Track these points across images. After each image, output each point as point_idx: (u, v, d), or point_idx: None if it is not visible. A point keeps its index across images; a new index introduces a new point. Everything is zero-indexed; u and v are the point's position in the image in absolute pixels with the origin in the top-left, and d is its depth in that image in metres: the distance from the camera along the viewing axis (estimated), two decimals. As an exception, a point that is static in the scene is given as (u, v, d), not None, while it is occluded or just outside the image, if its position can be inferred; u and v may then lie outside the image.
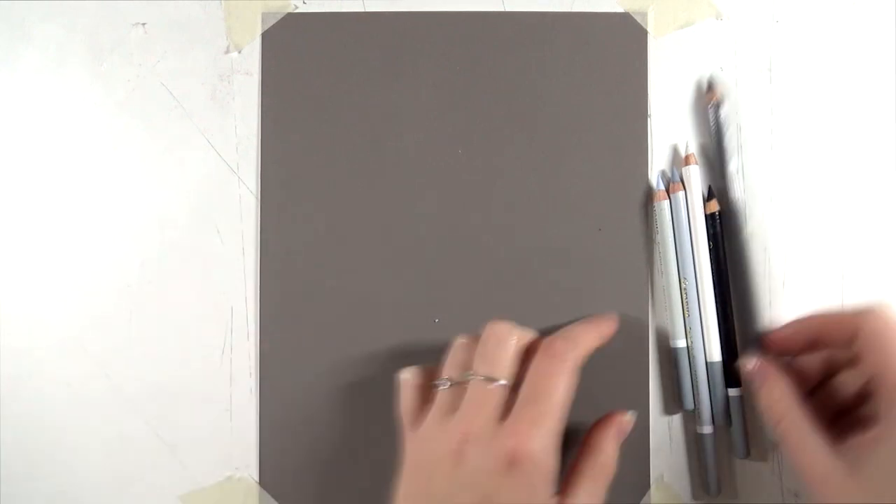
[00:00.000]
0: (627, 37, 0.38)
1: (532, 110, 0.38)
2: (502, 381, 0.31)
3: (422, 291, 0.38)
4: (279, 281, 0.38)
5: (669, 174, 0.38)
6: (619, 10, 0.39)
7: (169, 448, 0.38)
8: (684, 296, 0.37)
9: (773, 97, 0.38)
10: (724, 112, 0.37)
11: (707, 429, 0.37)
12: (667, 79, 0.38)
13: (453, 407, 0.31)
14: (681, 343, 0.37)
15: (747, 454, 0.37)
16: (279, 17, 0.39)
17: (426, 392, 0.33)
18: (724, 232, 0.37)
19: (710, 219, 0.37)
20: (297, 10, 0.39)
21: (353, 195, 0.38)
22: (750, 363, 0.34)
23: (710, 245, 0.37)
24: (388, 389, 0.37)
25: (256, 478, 0.38)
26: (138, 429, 0.38)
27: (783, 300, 0.38)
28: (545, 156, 0.38)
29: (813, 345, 0.33)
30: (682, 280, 0.37)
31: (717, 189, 0.37)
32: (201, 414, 0.38)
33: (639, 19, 0.38)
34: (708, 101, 0.37)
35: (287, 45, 0.39)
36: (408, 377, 0.34)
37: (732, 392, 0.37)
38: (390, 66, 0.38)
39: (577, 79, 0.38)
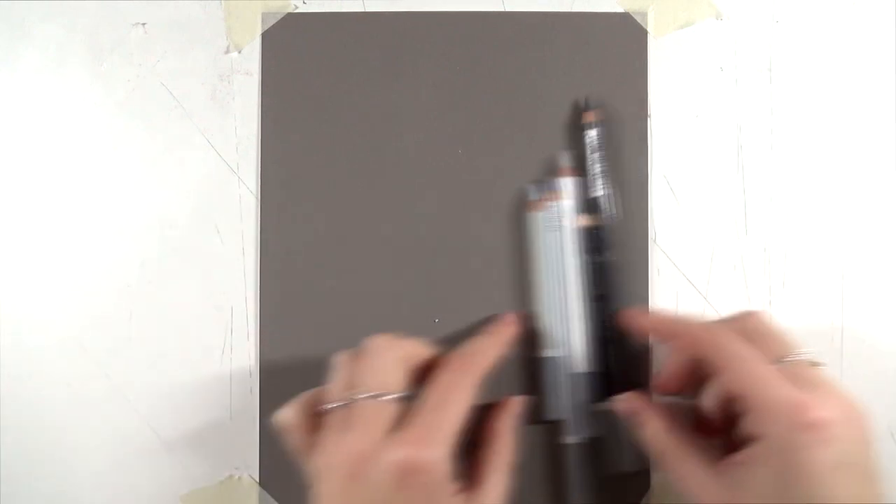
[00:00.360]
0: (627, 37, 0.38)
1: (532, 110, 0.38)
2: (392, 395, 0.30)
3: (422, 291, 0.38)
4: (279, 281, 0.38)
5: (544, 185, 0.37)
6: (619, 10, 0.39)
7: (169, 448, 0.38)
8: (555, 306, 0.37)
9: (773, 97, 0.38)
10: (598, 134, 0.37)
11: (572, 439, 0.36)
12: (667, 79, 0.38)
13: (345, 427, 0.30)
14: (550, 353, 0.37)
15: (623, 467, 0.37)
16: (279, 17, 0.39)
17: (314, 420, 0.32)
18: (600, 248, 0.37)
19: (587, 232, 0.37)
20: (297, 10, 0.39)
21: (353, 195, 0.38)
22: (622, 401, 0.34)
23: (591, 258, 0.37)
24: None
25: (256, 478, 0.38)
26: (138, 429, 0.38)
27: (783, 300, 0.38)
28: (545, 156, 0.38)
29: (665, 339, 0.34)
30: (552, 290, 0.37)
31: (591, 205, 0.37)
32: (201, 414, 0.38)
33: (639, 19, 0.38)
34: (584, 120, 0.37)
35: (287, 45, 0.39)
36: (288, 417, 0.32)
37: (605, 405, 0.36)
38: (390, 66, 0.38)
39: (577, 79, 0.38)
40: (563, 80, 0.38)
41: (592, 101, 0.37)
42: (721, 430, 0.31)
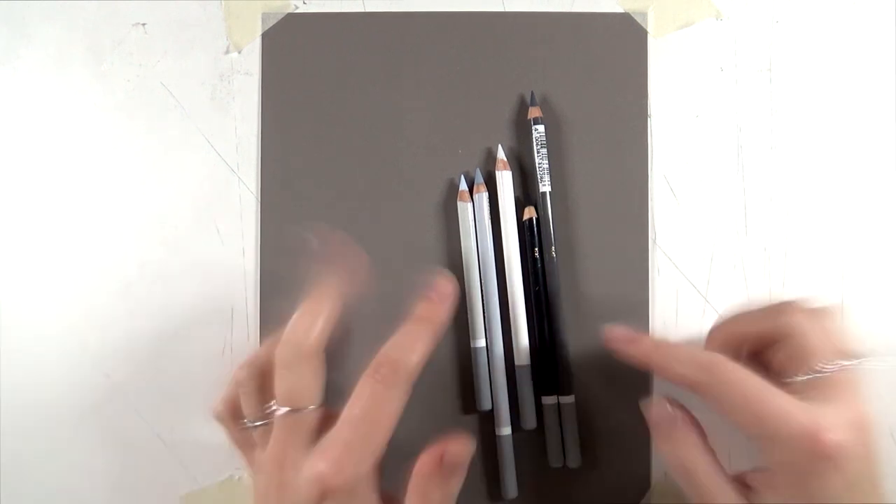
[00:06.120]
0: (627, 37, 0.38)
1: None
2: (310, 408, 0.29)
3: (422, 291, 0.38)
4: (279, 281, 0.38)
5: (474, 175, 0.38)
6: (619, 10, 0.39)
7: (169, 448, 0.38)
8: (484, 297, 0.37)
9: (773, 97, 0.38)
10: (542, 130, 0.37)
11: (505, 430, 0.37)
12: (667, 79, 0.38)
13: (267, 443, 0.29)
14: (479, 343, 0.37)
15: (564, 462, 0.37)
16: (279, 17, 0.39)
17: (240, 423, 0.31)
18: (541, 241, 0.37)
19: (526, 225, 0.37)
20: (297, 11, 0.39)
21: (353, 195, 0.38)
22: (659, 407, 0.31)
23: (532, 251, 0.37)
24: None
25: (256, 478, 0.38)
26: (138, 429, 0.38)
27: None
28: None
29: (659, 372, 0.31)
30: (482, 281, 0.37)
31: (534, 199, 0.37)
32: (202, 414, 0.38)
33: (639, 19, 0.38)
34: (529, 115, 0.37)
35: (287, 45, 0.39)
36: (219, 414, 0.32)
37: (548, 400, 0.37)
38: (390, 66, 0.38)
39: (577, 79, 0.38)
40: (563, 80, 0.38)
41: (538, 97, 0.38)
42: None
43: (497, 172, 0.37)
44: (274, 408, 0.29)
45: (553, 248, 0.37)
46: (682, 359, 0.30)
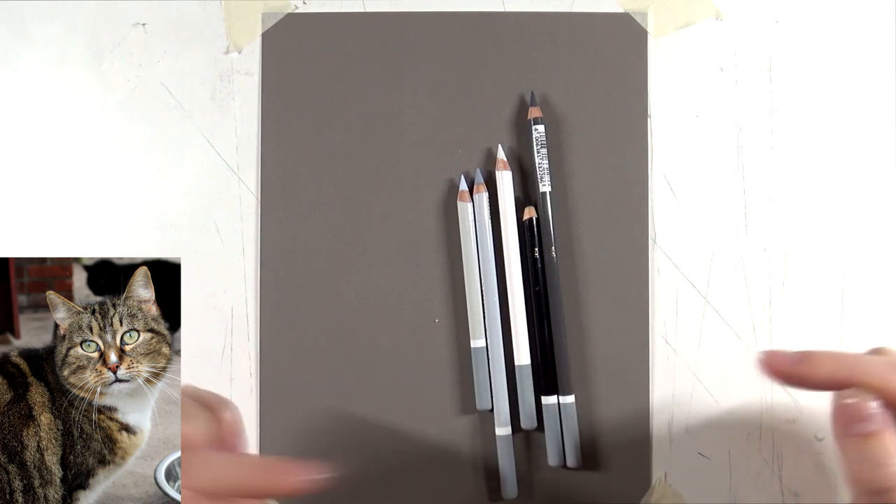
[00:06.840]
0: (627, 37, 0.38)
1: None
2: None
3: (422, 291, 0.38)
4: (279, 281, 0.38)
5: (474, 175, 0.38)
6: (619, 10, 0.39)
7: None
8: (484, 297, 0.37)
9: (773, 97, 0.38)
10: (542, 130, 0.37)
11: (504, 430, 0.37)
12: (667, 79, 0.38)
13: None
14: (479, 343, 0.37)
15: (564, 462, 0.37)
16: (279, 17, 0.39)
17: None
18: (541, 241, 0.37)
19: (526, 225, 0.37)
20: (297, 11, 0.39)
21: (353, 195, 0.38)
22: (859, 402, 0.26)
23: (532, 251, 0.37)
24: (387, 389, 0.37)
25: (256, 478, 0.38)
26: (138, 429, 0.38)
27: (783, 300, 0.38)
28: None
29: (842, 384, 0.27)
30: (482, 281, 0.37)
31: (534, 198, 0.37)
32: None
33: (639, 19, 0.38)
34: (529, 115, 0.37)
35: (287, 45, 0.39)
36: None
37: (548, 400, 0.37)
38: (390, 66, 0.39)
39: (577, 79, 0.38)
40: (563, 80, 0.38)
41: (538, 97, 0.38)
42: None
43: (497, 172, 0.37)
44: None
45: (553, 248, 0.37)
46: (878, 366, 0.26)
